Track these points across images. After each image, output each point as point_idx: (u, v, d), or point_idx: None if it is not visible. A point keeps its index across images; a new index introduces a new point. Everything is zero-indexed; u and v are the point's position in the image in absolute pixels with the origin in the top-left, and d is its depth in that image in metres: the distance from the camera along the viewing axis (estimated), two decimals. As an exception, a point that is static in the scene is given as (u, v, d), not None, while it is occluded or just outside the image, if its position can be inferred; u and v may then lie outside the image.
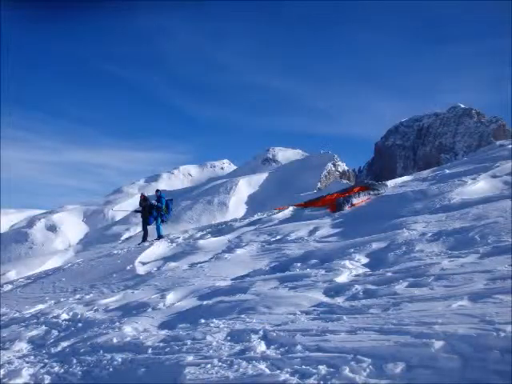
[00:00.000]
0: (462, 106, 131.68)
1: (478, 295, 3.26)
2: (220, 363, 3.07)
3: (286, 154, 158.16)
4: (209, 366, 3.06)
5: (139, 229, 68.22)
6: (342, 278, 4.84)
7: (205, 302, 4.95)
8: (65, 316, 5.81)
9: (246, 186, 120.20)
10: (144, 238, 13.86)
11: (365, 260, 5.58)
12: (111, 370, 3.55)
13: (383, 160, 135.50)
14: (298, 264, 6.07)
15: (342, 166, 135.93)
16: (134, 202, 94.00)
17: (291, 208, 12.00)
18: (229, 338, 3.61)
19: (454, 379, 2.25)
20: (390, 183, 12.73)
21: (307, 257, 6.39)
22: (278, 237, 8.66)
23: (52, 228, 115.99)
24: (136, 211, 14.86)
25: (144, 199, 13.93)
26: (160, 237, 13.19)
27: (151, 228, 14.01)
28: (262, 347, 3.22)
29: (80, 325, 5.34)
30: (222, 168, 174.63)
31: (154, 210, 13.63)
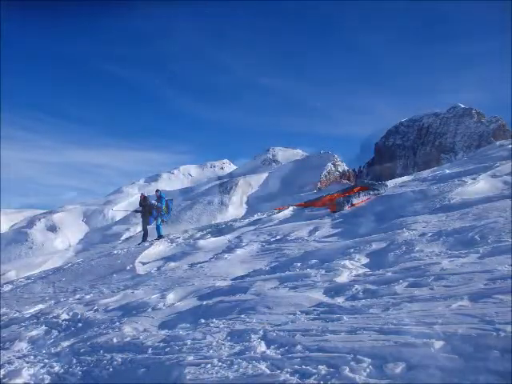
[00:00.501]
0: (462, 106, 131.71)
1: (477, 295, 3.25)
2: (220, 363, 3.07)
3: (285, 154, 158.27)
4: (209, 365, 3.06)
5: (139, 229, 68.22)
6: (342, 278, 4.83)
7: (205, 302, 4.95)
8: (65, 316, 5.80)
9: (246, 186, 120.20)
10: (144, 238, 13.87)
11: (365, 260, 5.57)
12: (111, 370, 3.55)
13: (383, 160, 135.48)
14: (298, 264, 6.06)
15: (342, 166, 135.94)
16: (134, 202, 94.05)
17: (291, 208, 12.01)
18: (229, 337, 3.61)
19: (453, 379, 2.25)
20: (390, 183, 12.74)
21: (307, 257, 6.39)
22: (278, 237, 8.66)
23: (52, 228, 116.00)
24: (136, 211, 14.88)
25: (144, 199, 13.95)
26: (160, 237, 13.19)
27: (151, 228, 14.03)
28: (262, 347, 3.21)
29: (80, 325, 5.34)
30: (222, 168, 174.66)
31: (154, 210, 13.65)
